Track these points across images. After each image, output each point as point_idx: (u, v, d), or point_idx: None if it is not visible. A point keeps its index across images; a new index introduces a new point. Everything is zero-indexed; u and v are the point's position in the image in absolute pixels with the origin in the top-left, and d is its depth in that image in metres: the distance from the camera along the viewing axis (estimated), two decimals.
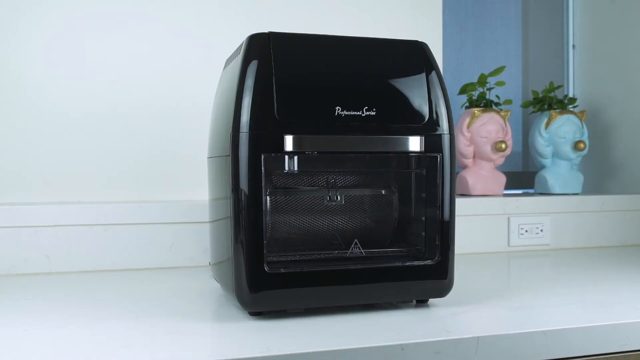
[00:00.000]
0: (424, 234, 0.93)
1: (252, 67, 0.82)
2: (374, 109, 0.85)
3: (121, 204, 1.26)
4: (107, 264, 1.24)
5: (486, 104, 1.60)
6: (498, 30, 1.87)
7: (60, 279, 1.16)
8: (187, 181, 1.34)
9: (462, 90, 1.62)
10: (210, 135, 0.99)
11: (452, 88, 1.69)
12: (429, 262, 0.89)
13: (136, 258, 1.26)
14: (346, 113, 0.84)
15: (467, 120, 1.57)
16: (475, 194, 1.56)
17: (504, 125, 1.58)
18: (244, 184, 0.81)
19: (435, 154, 0.88)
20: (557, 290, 1.05)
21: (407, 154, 0.88)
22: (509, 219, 1.50)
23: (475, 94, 1.61)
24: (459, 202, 1.47)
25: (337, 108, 0.84)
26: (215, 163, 0.92)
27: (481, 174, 1.58)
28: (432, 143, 0.88)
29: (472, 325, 0.83)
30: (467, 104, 1.62)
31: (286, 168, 0.84)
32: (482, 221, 1.48)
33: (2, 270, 1.19)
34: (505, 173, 1.70)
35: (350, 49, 0.89)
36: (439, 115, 0.89)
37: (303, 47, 0.86)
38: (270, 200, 0.91)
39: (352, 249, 0.89)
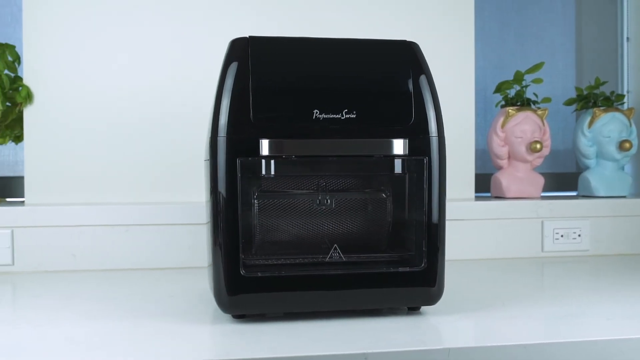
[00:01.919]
0: (414, 239, 0.90)
1: (230, 70, 0.83)
2: (354, 112, 0.83)
3: (142, 205, 1.30)
4: (129, 263, 1.29)
5: (523, 103, 1.53)
6: (543, 25, 1.78)
7: (81, 277, 1.22)
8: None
9: (497, 89, 1.56)
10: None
11: (494, 86, 1.63)
12: (415, 268, 0.87)
13: (156, 258, 1.30)
14: (324, 116, 0.83)
15: (501, 119, 1.50)
16: (510, 196, 1.50)
17: (541, 124, 1.50)
18: (221, 187, 0.82)
19: (422, 157, 0.85)
20: (570, 300, 0.99)
21: (391, 157, 0.86)
22: (542, 222, 1.43)
23: (512, 92, 1.54)
24: (490, 204, 1.42)
25: (315, 111, 0.82)
26: (205, 166, 0.93)
27: (516, 176, 1.51)
28: (418, 146, 0.85)
29: (450, 336, 0.79)
30: (503, 103, 1.56)
31: (263, 172, 0.84)
32: (513, 225, 1.42)
33: (30, 267, 1.26)
34: (554, 174, 1.62)
35: (334, 51, 0.88)
36: (427, 117, 0.86)
37: (283, 50, 0.86)
38: (257, 203, 0.91)
39: (331, 254, 0.88)
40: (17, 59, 1.39)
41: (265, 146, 0.81)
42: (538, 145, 1.45)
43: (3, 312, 0.97)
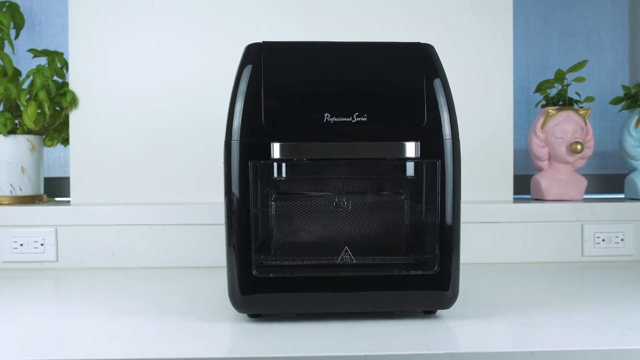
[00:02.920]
0: (429, 242, 0.89)
1: (244, 75, 0.85)
2: (365, 115, 0.84)
3: (179, 206, 1.34)
4: (165, 262, 1.33)
5: (565, 102, 1.48)
6: (591, 22, 1.72)
7: (118, 274, 1.27)
8: None
9: (538, 88, 1.52)
10: None
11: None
12: (427, 272, 0.86)
13: (191, 257, 1.33)
14: (335, 119, 0.83)
15: (541, 120, 1.46)
16: (550, 198, 1.46)
17: (583, 124, 1.45)
18: (235, 190, 0.84)
19: (435, 160, 0.85)
20: (598, 307, 0.95)
21: (402, 160, 0.85)
22: (582, 226, 1.38)
23: (553, 92, 1.50)
24: (527, 207, 1.38)
25: (325, 115, 0.83)
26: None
27: (557, 178, 1.47)
28: (431, 149, 0.85)
29: (459, 340, 0.79)
30: (544, 102, 1.52)
31: (275, 175, 0.86)
32: (551, 228, 1.38)
33: (73, 264, 1.32)
34: (603, 176, 1.57)
35: (347, 54, 0.88)
36: (440, 120, 0.85)
37: (296, 55, 0.87)
38: (275, 206, 0.93)
39: (342, 256, 0.88)
40: (65, 65, 1.46)
41: (276, 149, 0.83)
42: (579, 146, 1.41)
43: (47, 306, 1.03)
